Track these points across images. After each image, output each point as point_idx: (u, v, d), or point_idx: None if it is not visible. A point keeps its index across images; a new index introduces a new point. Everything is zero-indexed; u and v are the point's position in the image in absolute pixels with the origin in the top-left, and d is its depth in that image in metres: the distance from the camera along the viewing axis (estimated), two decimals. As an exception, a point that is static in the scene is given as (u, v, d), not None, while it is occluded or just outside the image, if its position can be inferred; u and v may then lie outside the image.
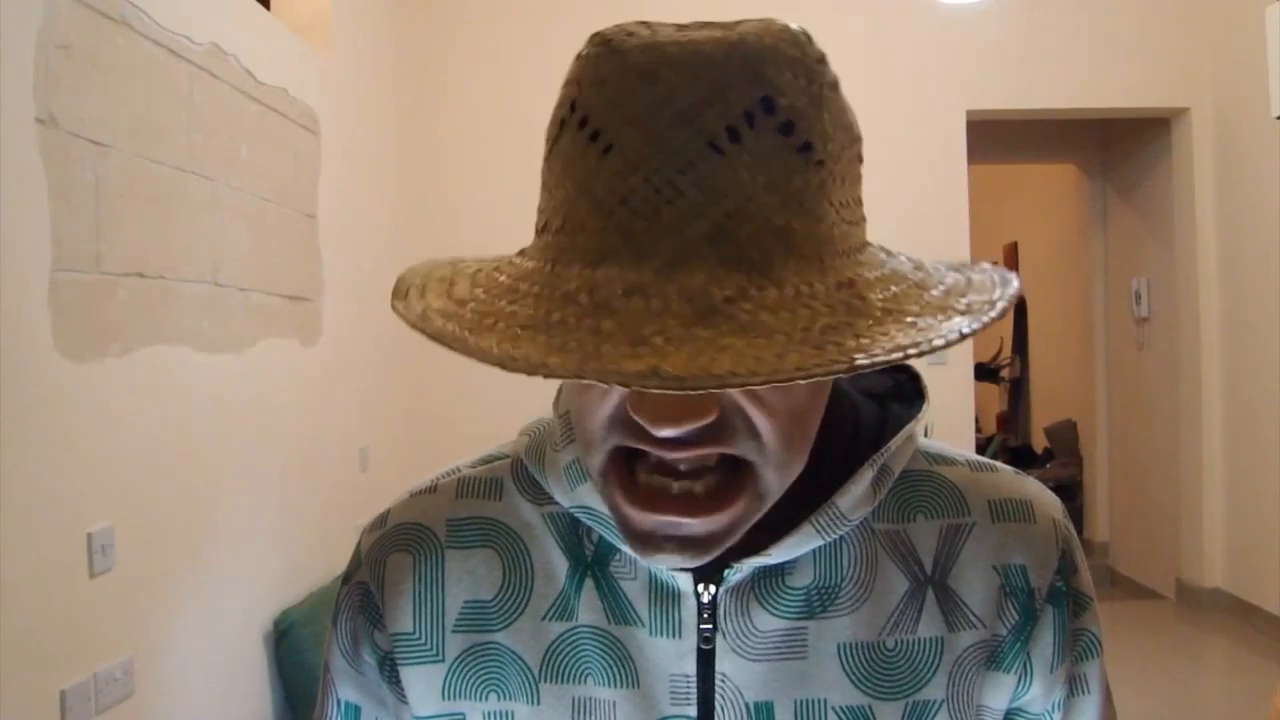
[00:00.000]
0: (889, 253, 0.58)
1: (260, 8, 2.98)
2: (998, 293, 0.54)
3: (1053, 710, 0.67)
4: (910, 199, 4.28)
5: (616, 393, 0.54)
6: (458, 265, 0.60)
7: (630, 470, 0.56)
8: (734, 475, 0.55)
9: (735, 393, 0.52)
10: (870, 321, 0.50)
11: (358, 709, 0.70)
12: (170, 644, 2.31)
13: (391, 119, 4.26)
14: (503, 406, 4.19)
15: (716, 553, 0.56)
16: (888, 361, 0.47)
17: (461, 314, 0.53)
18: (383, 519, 0.71)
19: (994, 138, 5.09)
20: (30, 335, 1.86)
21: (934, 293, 0.54)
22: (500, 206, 4.29)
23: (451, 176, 4.50)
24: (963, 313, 0.52)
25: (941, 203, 4.48)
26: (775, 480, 0.56)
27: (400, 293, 0.57)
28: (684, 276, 0.48)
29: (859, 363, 0.46)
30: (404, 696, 0.68)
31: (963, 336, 0.50)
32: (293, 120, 3.12)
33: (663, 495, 0.54)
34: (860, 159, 0.57)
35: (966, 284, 0.55)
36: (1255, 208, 4.34)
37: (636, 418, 0.52)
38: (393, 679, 0.68)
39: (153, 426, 2.27)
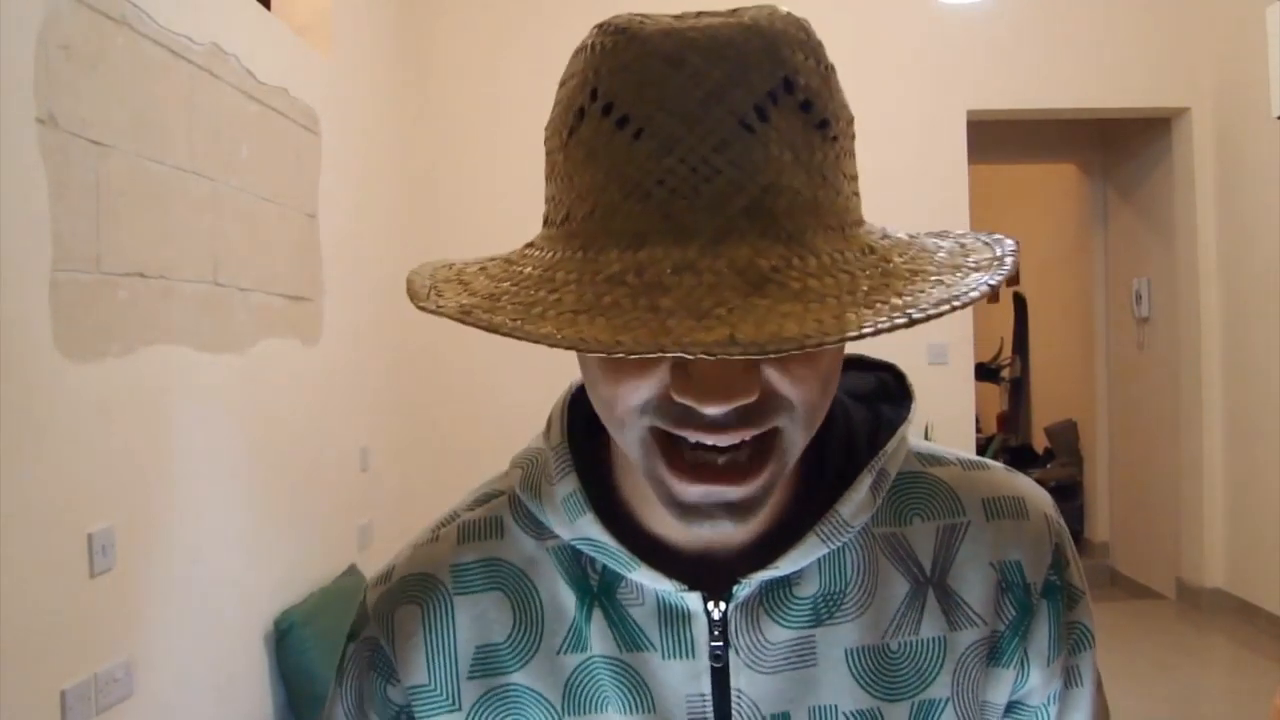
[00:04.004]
0: (880, 226, 0.59)
1: (261, 8, 2.98)
2: (998, 250, 0.56)
3: (1049, 702, 0.68)
4: (910, 199, 4.28)
5: (653, 378, 0.54)
6: (456, 267, 0.60)
7: (670, 446, 0.55)
8: (763, 443, 0.55)
9: (771, 371, 0.53)
10: (903, 281, 0.52)
11: None
12: (170, 644, 2.31)
13: (391, 119, 4.26)
14: (503, 406, 4.20)
15: (756, 516, 0.56)
16: (938, 314, 0.49)
17: (502, 306, 0.52)
18: (387, 574, 0.70)
19: (994, 138, 5.09)
20: (30, 335, 1.86)
21: (940, 255, 0.56)
22: (500, 206, 4.30)
23: (452, 176, 4.51)
24: (975, 269, 0.54)
25: (941, 203, 4.48)
26: (800, 441, 0.57)
27: (421, 294, 0.56)
28: (729, 251, 0.49)
29: (915, 316, 0.48)
30: None
31: (990, 288, 0.52)
32: (293, 120, 3.12)
33: (709, 467, 0.55)
34: (854, 136, 0.58)
35: (962, 248, 0.57)
36: (1255, 208, 4.34)
37: (682, 400, 0.52)
38: None
39: (153, 426, 2.27)
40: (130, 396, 2.17)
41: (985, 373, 6.74)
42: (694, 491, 0.55)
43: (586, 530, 0.63)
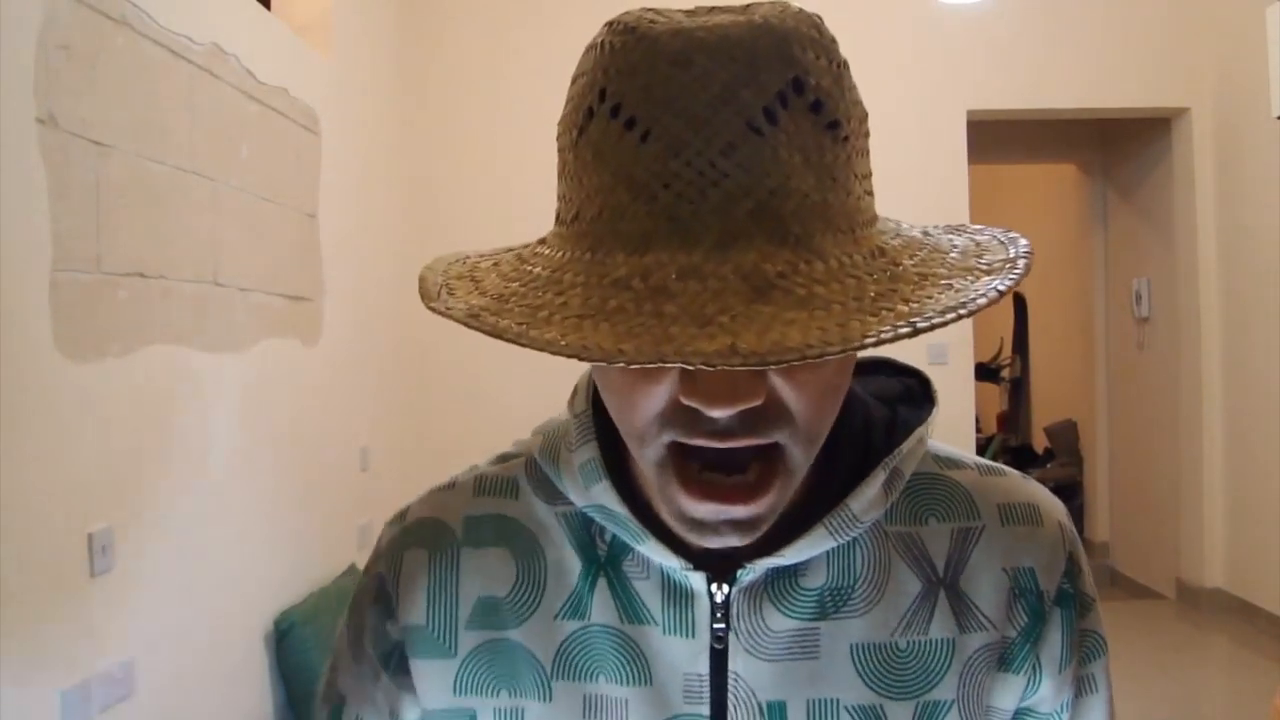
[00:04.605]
0: (895, 221, 0.59)
1: (261, 8, 2.98)
2: (1012, 250, 0.56)
3: (1061, 710, 0.67)
4: (910, 199, 4.26)
5: (667, 385, 0.54)
6: (470, 261, 0.60)
7: (684, 466, 0.56)
8: (769, 461, 0.56)
9: (776, 377, 0.53)
10: (911, 286, 0.51)
11: (343, 698, 0.72)
12: (170, 644, 2.31)
13: (391, 119, 4.26)
14: (503, 407, 4.20)
15: (761, 531, 0.57)
16: (943, 323, 0.49)
17: (509, 309, 0.53)
18: (403, 514, 0.72)
19: (994, 138, 5.08)
20: (30, 335, 1.86)
21: (953, 256, 0.55)
22: (500, 205, 4.30)
23: (451, 176, 4.51)
24: (987, 272, 0.53)
25: (941, 203, 4.47)
26: (803, 458, 0.57)
27: (431, 294, 0.57)
28: (735, 256, 0.49)
29: (920, 326, 0.48)
30: (411, 688, 0.68)
31: (1000, 294, 0.51)
32: (293, 120, 3.12)
33: (718, 487, 0.55)
34: (868, 133, 0.58)
35: (976, 246, 0.57)
36: (1255, 208, 4.34)
37: (689, 402, 0.53)
38: (400, 670, 0.68)
39: (153, 426, 2.27)
40: (130, 396, 2.17)
41: (985, 373, 6.74)
42: (703, 509, 0.56)
43: (600, 498, 0.64)
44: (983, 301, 0.50)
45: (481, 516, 0.69)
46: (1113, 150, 5.55)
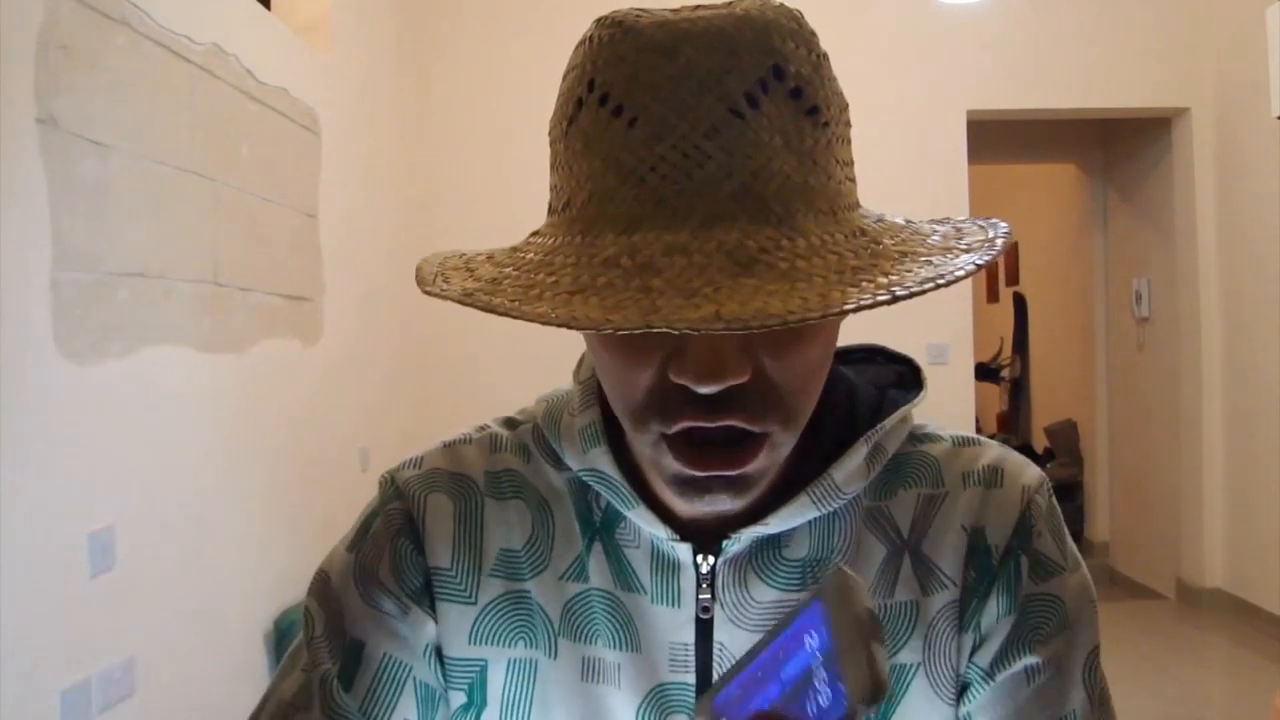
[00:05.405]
0: (879, 211, 0.61)
1: (261, 8, 2.98)
2: (991, 233, 0.58)
3: (994, 673, 0.64)
4: (910, 199, 4.27)
5: (657, 366, 0.56)
6: (467, 255, 0.62)
7: (676, 442, 0.58)
8: (757, 439, 0.58)
9: (764, 357, 0.55)
10: (891, 261, 0.53)
11: (360, 645, 0.66)
12: (170, 644, 2.31)
13: (391, 119, 4.26)
14: (503, 407, 4.20)
15: (752, 493, 0.59)
16: (921, 291, 0.50)
17: (503, 289, 0.54)
18: (418, 462, 0.72)
19: (994, 138, 5.08)
20: (30, 335, 1.86)
21: (933, 239, 0.57)
22: (499, 204, 4.30)
23: (451, 176, 4.51)
24: (966, 251, 0.55)
25: (941, 203, 4.47)
26: (788, 440, 0.59)
27: (427, 279, 0.59)
28: (720, 233, 0.51)
29: (899, 294, 0.49)
30: (435, 624, 0.68)
31: (977, 267, 0.53)
32: (293, 120, 3.12)
33: (710, 448, 0.57)
34: (849, 123, 0.60)
35: (956, 232, 0.59)
36: (1255, 208, 4.34)
37: (679, 379, 0.54)
38: (430, 605, 0.68)
39: (153, 426, 2.27)
40: (130, 396, 2.17)
41: (985, 373, 6.74)
42: (695, 468, 0.57)
43: (596, 462, 0.66)
44: (960, 274, 0.52)
45: (500, 472, 0.71)
46: (1113, 150, 5.55)
